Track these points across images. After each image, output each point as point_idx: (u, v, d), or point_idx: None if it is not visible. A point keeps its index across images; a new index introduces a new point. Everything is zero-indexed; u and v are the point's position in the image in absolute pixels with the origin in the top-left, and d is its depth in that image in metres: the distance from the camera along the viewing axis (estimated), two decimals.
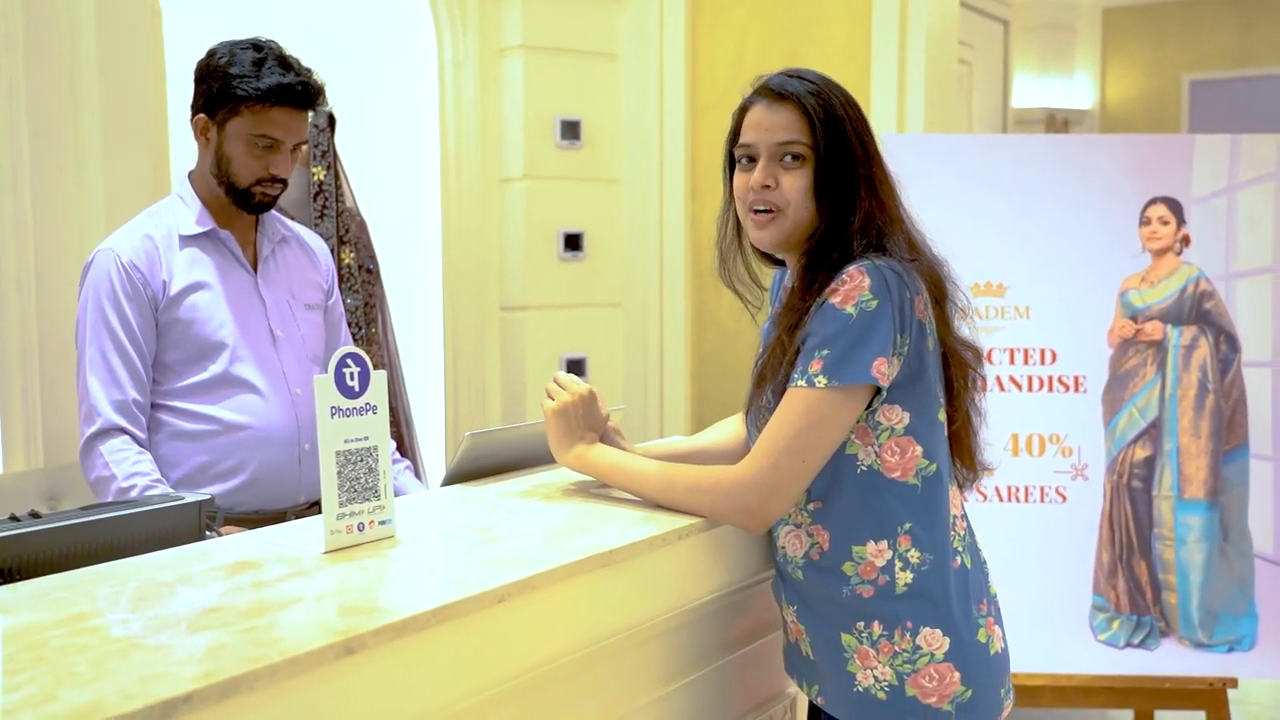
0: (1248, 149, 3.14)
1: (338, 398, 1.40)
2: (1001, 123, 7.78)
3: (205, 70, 2.11)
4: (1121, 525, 3.14)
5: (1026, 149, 3.33)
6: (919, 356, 1.50)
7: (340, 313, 2.36)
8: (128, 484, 1.95)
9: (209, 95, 2.09)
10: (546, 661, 1.33)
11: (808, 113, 1.53)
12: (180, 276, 2.08)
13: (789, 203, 1.54)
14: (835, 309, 1.46)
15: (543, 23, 4.28)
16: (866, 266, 1.46)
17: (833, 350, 1.45)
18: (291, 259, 2.26)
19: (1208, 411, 3.10)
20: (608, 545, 1.41)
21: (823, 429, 1.46)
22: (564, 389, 1.68)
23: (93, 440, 2.00)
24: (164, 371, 2.08)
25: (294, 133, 2.11)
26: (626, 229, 4.56)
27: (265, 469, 2.10)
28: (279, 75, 2.07)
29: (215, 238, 2.14)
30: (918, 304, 1.49)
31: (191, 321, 2.07)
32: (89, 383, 2.02)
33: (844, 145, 1.53)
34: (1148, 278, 3.13)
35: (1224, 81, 7.76)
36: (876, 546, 1.50)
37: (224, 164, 2.10)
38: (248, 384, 2.10)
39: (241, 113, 2.07)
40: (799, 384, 1.47)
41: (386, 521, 1.45)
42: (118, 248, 2.07)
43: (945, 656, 1.49)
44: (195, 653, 1.05)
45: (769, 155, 1.55)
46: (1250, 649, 3.12)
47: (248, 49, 2.09)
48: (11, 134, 3.00)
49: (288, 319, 2.19)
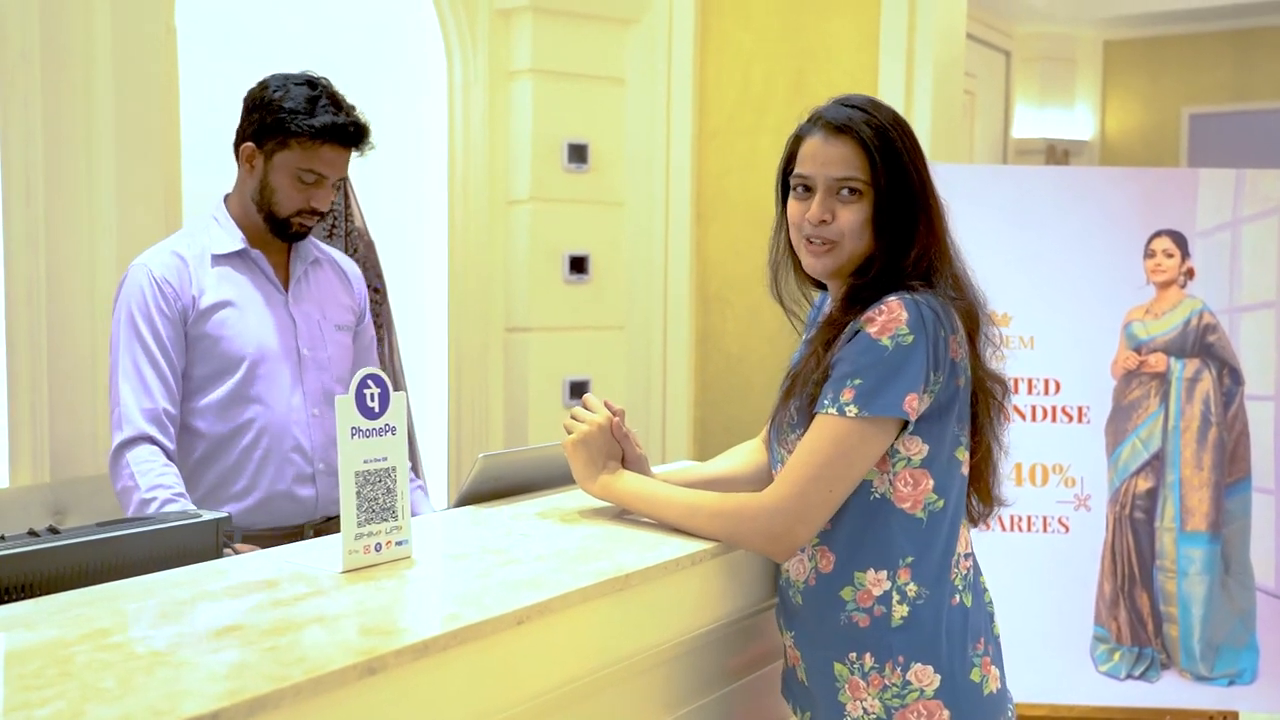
0: (1252, 184, 3.16)
1: (358, 418, 1.41)
2: (1002, 153, 7.83)
3: (258, 101, 2.13)
4: (1124, 556, 3.15)
5: (1032, 180, 3.35)
6: (949, 394, 1.50)
7: (371, 336, 2.37)
8: (149, 495, 1.95)
9: (260, 125, 2.11)
10: (563, 684, 1.34)
11: (865, 147, 1.52)
12: (211, 293, 2.10)
13: (844, 235, 1.54)
14: (871, 339, 1.46)
15: (551, 47, 4.31)
16: (905, 300, 1.47)
17: (865, 380, 1.45)
18: (324, 280, 2.28)
19: (1210, 444, 3.12)
20: (623, 569, 1.42)
21: (851, 459, 1.47)
22: (583, 419, 1.67)
23: (121, 449, 2.01)
24: (189, 387, 2.10)
25: (339, 169, 2.15)
26: (631, 252, 4.58)
27: (279, 488, 2.11)
28: (332, 115, 2.10)
29: (247, 257, 2.16)
30: (952, 343, 1.49)
31: (219, 338, 2.09)
32: (120, 390, 2.04)
33: (902, 178, 1.52)
34: (1152, 310, 3.15)
35: (1223, 115, 7.82)
36: (876, 575, 1.51)
37: (267, 193, 2.13)
38: (264, 402, 2.11)
39: (291, 146, 2.10)
40: (829, 411, 1.47)
41: (403, 542, 1.46)
42: (150, 263, 2.10)
43: (935, 694, 1.49)
44: (220, 670, 1.06)
45: (826, 189, 1.55)
46: (1251, 682, 3.12)
47: (302, 85, 2.12)
48: (26, 149, 3.02)
49: (316, 339, 2.20)
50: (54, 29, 3.07)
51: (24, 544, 1.39)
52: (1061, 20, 7.75)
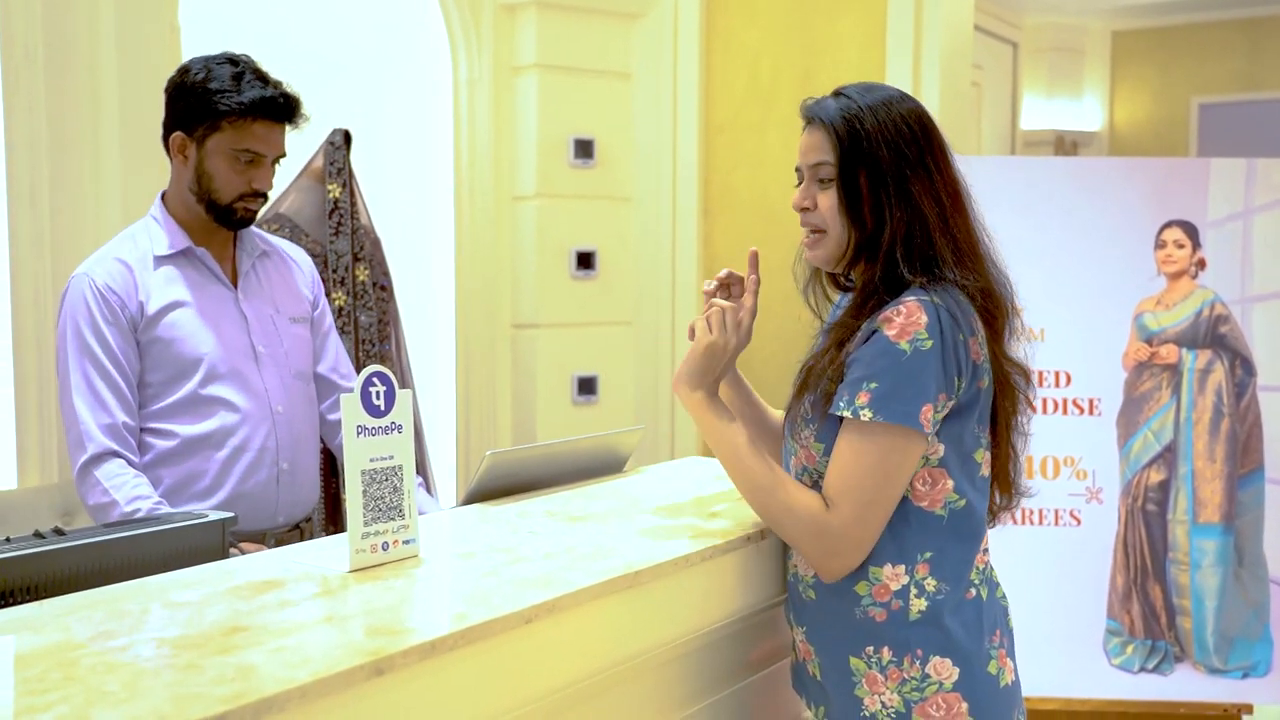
0: (1264, 173, 3.14)
1: (364, 417, 1.40)
2: (1010, 144, 7.80)
3: (180, 87, 2.07)
4: (1136, 549, 3.13)
5: (1040, 171, 3.33)
6: (970, 396, 1.49)
7: (329, 324, 2.30)
8: (130, 508, 1.92)
9: (187, 111, 2.05)
10: (572, 683, 1.33)
11: (831, 132, 1.54)
12: (157, 296, 2.04)
13: (826, 221, 1.56)
14: (889, 342, 1.44)
15: (557, 42, 4.30)
16: (925, 303, 1.45)
17: (881, 384, 1.44)
18: (274, 273, 2.21)
19: (1223, 435, 3.10)
20: (632, 566, 1.41)
21: (897, 479, 1.46)
22: (724, 326, 1.58)
23: (87, 466, 1.96)
24: (146, 393, 2.05)
25: (275, 146, 2.08)
26: (638, 248, 4.57)
27: (242, 489, 2.06)
28: (259, 89, 2.03)
29: (192, 256, 2.10)
30: (973, 345, 1.48)
31: (171, 340, 2.03)
32: (77, 408, 1.98)
33: (865, 160, 1.52)
34: (1163, 301, 3.13)
35: (1233, 105, 7.77)
36: (894, 570, 1.50)
37: (205, 181, 2.06)
38: (225, 401, 2.06)
39: (223, 128, 2.03)
40: (844, 412, 1.46)
41: (410, 541, 1.45)
42: (92, 272, 2.03)
43: (954, 686, 1.48)
44: (226, 672, 1.05)
45: (809, 177, 1.58)
46: (1265, 674, 3.10)
47: (224, 64, 2.05)
48: (31, 149, 3.01)
49: (270, 334, 2.14)
50: (58, 29, 3.06)
51: (29, 546, 1.39)
52: (1069, 11, 7.72)
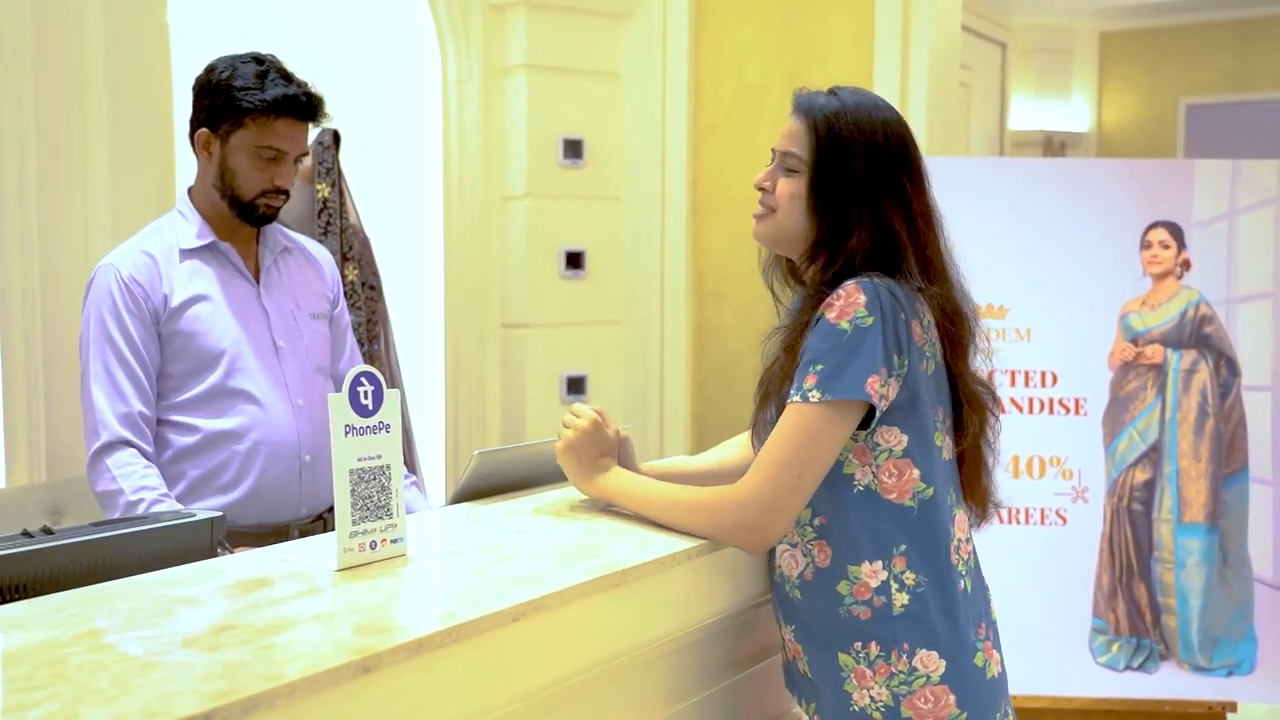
0: (1248, 174, 3.16)
1: (352, 416, 1.41)
2: (999, 145, 7.83)
3: (206, 85, 2.11)
4: (1121, 548, 3.15)
5: (1028, 172, 3.35)
6: (915, 379, 1.51)
7: (346, 323, 2.36)
8: (135, 497, 1.94)
9: (211, 109, 2.10)
10: (558, 681, 1.34)
11: (811, 128, 1.59)
12: (181, 289, 2.08)
13: (778, 204, 1.62)
14: (830, 324, 1.48)
15: (546, 42, 4.30)
16: (864, 284, 1.49)
17: (827, 365, 1.47)
18: (295, 269, 2.26)
19: (1208, 435, 3.12)
20: (619, 565, 1.42)
21: (817, 444, 1.48)
22: (570, 425, 1.70)
23: (99, 454, 1.99)
24: (167, 385, 2.08)
25: (297, 144, 2.13)
26: (628, 247, 4.57)
27: (266, 481, 2.10)
28: (283, 87, 2.08)
29: (216, 250, 2.14)
30: (914, 327, 1.51)
31: (193, 334, 2.07)
32: (94, 396, 2.02)
33: (841, 165, 1.56)
34: (1148, 301, 3.15)
35: (1221, 106, 7.81)
36: (871, 567, 1.51)
37: (228, 177, 2.11)
38: (248, 395, 2.09)
39: (246, 125, 2.08)
40: (794, 399, 1.49)
41: (398, 540, 1.46)
42: (118, 263, 2.07)
43: (941, 679, 1.50)
44: (214, 670, 1.05)
45: (777, 161, 1.63)
46: (1249, 673, 3.13)
47: (249, 62, 2.10)
48: (19, 148, 3.01)
49: (291, 329, 2.19)
50: (46, 27, 3.06)
51: (18, 544, 1.39)
52: (1058, 11, 7.74)
